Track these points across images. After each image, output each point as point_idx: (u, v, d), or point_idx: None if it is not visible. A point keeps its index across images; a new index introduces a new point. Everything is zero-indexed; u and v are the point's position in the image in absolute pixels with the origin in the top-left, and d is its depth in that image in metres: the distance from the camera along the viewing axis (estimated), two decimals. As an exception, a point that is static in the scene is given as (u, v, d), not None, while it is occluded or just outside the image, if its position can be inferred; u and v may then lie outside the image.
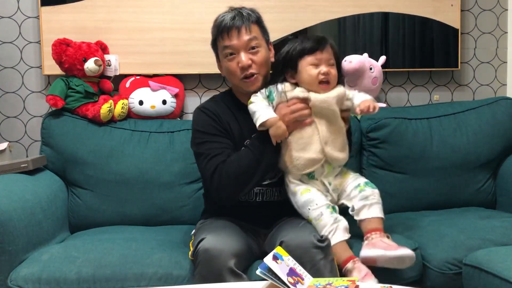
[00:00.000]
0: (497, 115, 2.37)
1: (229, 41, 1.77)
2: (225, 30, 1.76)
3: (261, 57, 1.79)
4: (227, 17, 1.78)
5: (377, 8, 2.53)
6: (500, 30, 2.69)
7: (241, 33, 1.76)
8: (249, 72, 1.77)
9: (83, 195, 2.19)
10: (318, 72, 1.72)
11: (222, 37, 1.78)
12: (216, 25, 1.80)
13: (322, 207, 1.71)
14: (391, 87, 2.65)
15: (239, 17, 1.77)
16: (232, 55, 1.77)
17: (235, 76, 1.79)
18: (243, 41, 1.76)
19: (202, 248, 1.55)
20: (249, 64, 1.76)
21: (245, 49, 1.77)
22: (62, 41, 2.25)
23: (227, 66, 1.80)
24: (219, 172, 1.71)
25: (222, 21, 1.78)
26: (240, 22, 1.76)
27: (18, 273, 1.67)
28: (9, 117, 2.45)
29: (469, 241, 1.83)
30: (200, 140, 1.80)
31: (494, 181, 2.36)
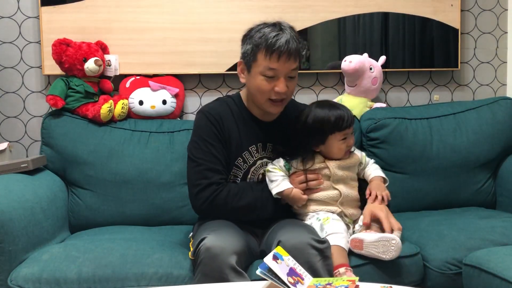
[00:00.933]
0: (497, 115, 2.37)
1: (275, 64, 1.71)
2: (276, 52, 1.69)
3: (294, 86, 1.79)
4: (281, 39, 1.70)
5: (377, 8, 2.54)
6: (500, 30, 2.69)
7: (290, 60, 1.72)
8: (281, 97, 1.76)
9: (83, 195, 2.19)
10: (346, 145, 1.84)
11: (270, 57, 1.70)
12: (268, 43, 1.70)
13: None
14: (391, 87, 2.66)
15: (293, 42, 1.72)
16: (272, 77, 1.73)
17: (264, 95, 1.76)
18: (288, 69, 1.73)
19: (204, 246, 1.55)
20: (285, 92, 1.75)
21: (285, 76, 1.74)
22: (62, 41, 2.25)
23: (261, 84, 1.74)
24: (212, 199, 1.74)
25: (277, 42, 1.69)
26: (293, 48, 1.71)
27: (19, 273, 1.67)
28: (9, 117, 2.45)
29: (469, 241, 1.83)
30: (198, 145, 1.79)
31: (494, 181, 2.36)
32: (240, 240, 1.64)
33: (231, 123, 1.82)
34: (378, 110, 2.37)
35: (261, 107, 1.81)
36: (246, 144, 1.82)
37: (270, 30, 1.73)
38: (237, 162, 1.83)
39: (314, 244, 1.59)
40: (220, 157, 1.78)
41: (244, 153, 1.82)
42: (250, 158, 1.84)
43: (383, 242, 1.68)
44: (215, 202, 1.73)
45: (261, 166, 1.86)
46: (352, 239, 1.73)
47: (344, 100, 2.42)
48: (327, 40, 2.54)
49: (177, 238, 1.97)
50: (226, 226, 1.70)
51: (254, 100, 1.81)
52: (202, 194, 1.74)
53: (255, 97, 1.80)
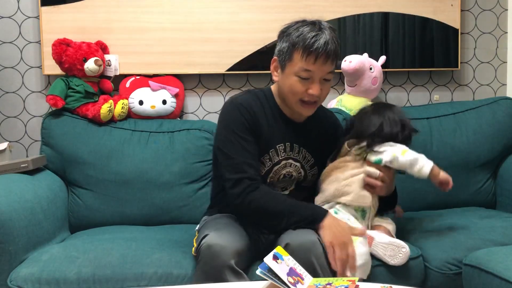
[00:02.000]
0: (497, 115, 2.36)
1: (312, 66, 1.66)
2: (314, 53, 1.64)
3: (327, 90, 1.74)
4: (320, 40, 1.64)
5: (377, 8, 2.53)
6: (500, 30, 2.69)
7: (327, 63, 1.67)
8: (314, 100, 1.71)
9: (83, 195, 2.19)
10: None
11: (307, 58, 1.65)
12: (305, 43, 1.65)
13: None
14: (391, 87, 2.65)
15: (332, 44, 1.66)
16: (306, 79, 1.68)
17: (296, 96, 1.70)
18: (324, 72, 1.68)
19: (205, 244, 1.55)
20: (319, 95, 1.70)
21: (320, 79, 1.69)
22: (62, 41, 2.25)
23: (294, 85, 1.69)
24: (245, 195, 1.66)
25: (315, 42, 1.64)
26: (331, 51, 1.66)
27: (18, 273, 1.67)
28: (9, 117, 2.45)
29: (469, 241, 1.83)
30: (228, 139, 1.71)
31: (494, 181, 2.36)
32: (242, 240, 1.63)
33: (261, 117, 1.75)
34: (378, 110, 2.37)
35: (292, 108, 1.75)
36: (274, 142, 1.76)
37: (309, 29, 1.67)
38: (263, 158, 1.76)
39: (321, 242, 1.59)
40: (252, 151, 1.70)
41: (271, 150, 1.76)
42: (276, 157, 1.77)
43: (392, 247, 1.68)
44: (249, 198, 1.65)
45: (285, 166, 1.80)
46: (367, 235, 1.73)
47: (344, 100, 2.42)
48: (327, 40, 2.53)
49: (177, 238, 1.97)
50: (229, 224, 1.70)
51: (286, 99, 1.75)
52: (234, 190, 1.67)
53: (286, 97, 1.74)
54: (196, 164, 2.20)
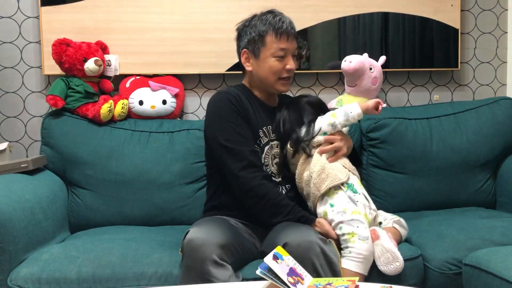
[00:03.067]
0: (497, 115, 2.36)
1: (285, 44, 1.87)
2: (285, 32, 1.87)
3: (297, 65, 1.98)
4: (285, 20, 1.88)
5: (377, 8, 2.54)
6: (500, 30, 2.69)
7: (294, 39, 1.91)
8: (290, 75, 1.91)
9: (83, 195, 2.19)
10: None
11: (280, 38, 1.86)
12: (273, 24, 1.87)
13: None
14: (391, 87, 2.66)
15: (293, 24, 1.91)
16: (282, 57, 1.87)
17: (276, 75, 1.88)
18: (294, 47, 1.92)
19: (186, 239, 1.59)
20: (295, 68, 1.91)
21: (293, 55, 1.91)
22: (62, 41, 2.25)
23: (274, 65, 1.87)
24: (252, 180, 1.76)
25: (283, 24, 1.87)
26: (294, 29, 1.92)
27: (18, 273, 1.67)
28: (9, 117, 2.46)
29: (469, 241, 1.83)
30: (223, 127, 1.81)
31: (494, 181, 2.36)
32: (225, 234, 1.64)
33: (246, 103, 1.89)
34: (378, 110, 2.37)
35: (272, 89, 1.92)
36: (260, 124, 1.90)
37: (271, 16, 1.89)
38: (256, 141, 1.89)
39: (320, 244, 1.60)
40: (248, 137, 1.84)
41: (259, 131, 1.89)
42: (264, 138, 1.90)
43: (388, 255, 1.69)
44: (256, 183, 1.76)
45: (272, 148, 1.91)
46: (373, 229, 1.75)
47: (344, 100, 2.42)
48: (327, 40, 2.54)
49: (177, 238, 1.96)
50: (213, 221, 1.73)
51: (264, 82, 1.91)
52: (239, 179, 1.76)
53: (266, 80, 1.90)
54: (196, 164, 2.20)
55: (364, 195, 1.83)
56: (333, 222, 1.74)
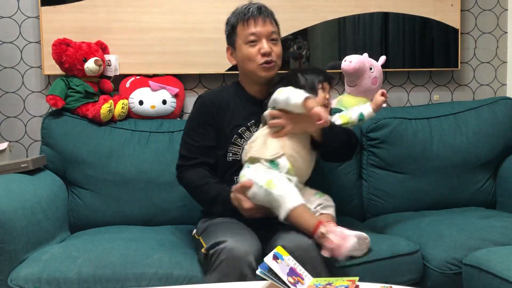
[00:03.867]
0: (497, 115, 2.37)
1: (254, 28, 1.85)
2: (252, 17, 1.86)
3: (279, 49, 1.90)
4: (253, 7, 1.88)
5: (377, 8, 2.54)
6: (500, 30, 2.69)
7: (266, 23, 1.87)
8: (269, 58, 1.86)
9: (83, 195, 2.19)
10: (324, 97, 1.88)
11: (247, 24, 1.86)
12: (240, 13, 1.88)
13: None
14: (391, 87, 2.66)
15: (264, 9, 1.89)
16: (254, 42, 1.86)
17: (254, 61, 1.87)
18: (267, 30, 1.87)
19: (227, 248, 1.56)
20: (270, 51, 1.86)
21: (267, 38, 1.87)
22: (62, 41, 2.25)
23: (248, 52, 1.86)
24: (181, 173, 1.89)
25: (248, 10, 1.87)
26: (265, 13, 1.88)
27: (19, 273, 1.67)
28: (9, 117, 2.45)
29: (469, 241, 1.83)
30: (189, 126, 1.93)
31: (494, 181, 2.36)
32: (258, 243, 1.65)
33: (227, 103, 1.91)
34: (378, 110, 2.37)
35: (255, 77, 1.89)
36: (243, 121, 1.89)
37: (241, 6, 1.91)
38: (234, 140, 1.88)
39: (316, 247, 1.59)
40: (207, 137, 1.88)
41: (240, 129, 1.88)
42: (248, 133, 1.89)
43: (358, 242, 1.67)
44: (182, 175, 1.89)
45: None
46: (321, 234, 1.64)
47: (344, 100, 2.42)
48: (327, 40, 2.54)
49: (177, 238, 1.97)
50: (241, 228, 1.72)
51: (247, 72, 1.91)
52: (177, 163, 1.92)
53: (247, 69, 1.90)
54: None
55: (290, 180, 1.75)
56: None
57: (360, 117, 1.89)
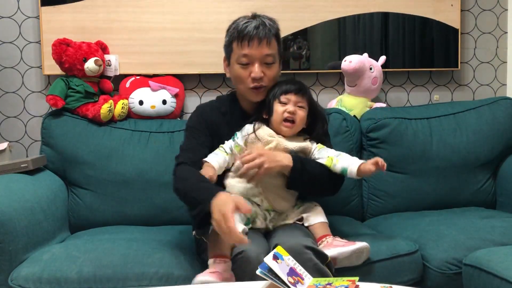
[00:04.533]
0: (497, 115, 2.37)
1: (247, 50, 1.76)
2: (246, 38, 1.75)
3: (273, 72, 1.80)
4: (250, 25, 1.76)
5: (377, 8, 2.54)
6: (500, 30, 2.69)
7: (262, 45, 1.75)
8: (259, 84, 1.78)
9: (83, 195, 2.19)
10: (284, 110, 1.75)
11: (241, 43, 1.76)
12: (238, 30, 1.77)
13: None
14: (391, 87, 2.66)
15: (263, 27, 1.76)
16: (247, 64, 1.77)
17: (244, 83, 1.79)
18: (261, 53, 1.76)
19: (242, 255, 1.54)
20: (261, 77, 1.77)
21: (260, 62, 1.77)
22: (62, 41, 2.25)
23: (239, 73, 1.79)
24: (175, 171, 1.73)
25: (246, 28, 1.75)
26: (263, 33, 1.75)
27: (19, 272, 1.67)
28: (9, 117, 2.45)
29: (469, 241, 1.83)
30: (185, 135, 1.85)
31: (494, 181, 2.36)
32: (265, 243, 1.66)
33: (219, 117, 1.85)
34: (378, 110, 2.37)
35: (246, 97, 1.84)
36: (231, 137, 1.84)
37: (242, 19, 1.79)
38: None
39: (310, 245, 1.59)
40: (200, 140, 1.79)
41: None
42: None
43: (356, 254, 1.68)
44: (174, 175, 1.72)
45: None
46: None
47: (344, 100, 2.42)
48: (327, 40, 2.54)
49: (178, 238, 1.97)
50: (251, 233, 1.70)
51: (239, 90, 1.86)
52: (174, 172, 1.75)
53: (238, 88, 1.85)
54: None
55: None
56: None
57: (342, 172, 1.74)
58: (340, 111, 2.32)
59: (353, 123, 2.29)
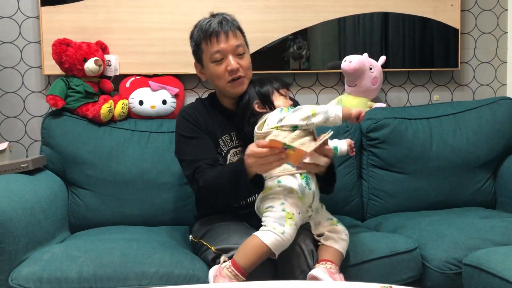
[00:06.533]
0: (497, 115, 2.37)
1: (217, 46, 1.78)
2: (214, 34, 1.78)
3: (247, 61, 1.83)
4: (213, 22, 1.79)
5: (377, 8, 2.54)
6: (500, 30, 2.69)
7: (229, 37, 1.79)
8: (237, 75, 1.80)
9: (83, 195, 2.19)
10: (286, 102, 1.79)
11: (210, 41, 1.79)
12: (203, 30, 1.80)
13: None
14: (391, 87, 2.66)
15: (226, 22, 1.80)
16: (221, 60, 1.79)
17: (222, 79, 1.81)
18: (232, 45, 1.79)
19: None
20: (237, 68, 1.79)
21: (233, 53, 1.79)
22: (62, 41, 2.25)
23: (214, 70, 1.81)
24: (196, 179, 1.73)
25: (210, 26, 1.79)
26: (227, 27, 1.79)
27: (20, 272, 1.66)
28: (9, 117, 2.45)
29: (469, 241, 1.83)
30: (182, 144, 1.83)
31: (494, 181, 2.36)
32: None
33: (205, 116, 1.86)
34: (378, 110, 2.37)
35: (226, 93, 1.84)
36: (219, 134, 1.85)
37: (203, 20, 1.83)
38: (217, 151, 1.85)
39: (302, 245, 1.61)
40: (201, 146, 1.80)
41: (219, 140, 1.85)
42: (224, 147, 1.85)
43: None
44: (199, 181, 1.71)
45: (235, 154, 1.86)
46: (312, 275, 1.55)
47: (344, 100, 2.42)
48: (327, 40, 2.54)
49: (178, 238, 1.98)
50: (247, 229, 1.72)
51: (218, 88, 1.87)
52: (193, 186, 1.77)
53: (217, 86, 1.85)
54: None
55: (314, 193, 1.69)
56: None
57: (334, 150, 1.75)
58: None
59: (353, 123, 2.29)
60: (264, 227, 1.58)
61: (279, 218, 1.58)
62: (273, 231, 1.55)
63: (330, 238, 1.68)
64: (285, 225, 1.56)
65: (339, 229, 1.71)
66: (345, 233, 1.71)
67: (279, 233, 1.55)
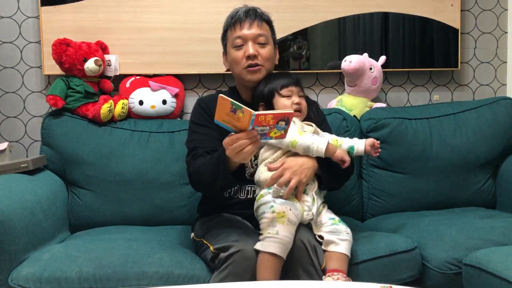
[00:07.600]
0: (497, 115, 2.37)
1: (240, 32, 1.84)
2: (238, 21, 1.85)
3: (267, 52, 1.86)
4: (241, 10, 1.87)
5: (377, 8, 2.54)
6: (500, 30, 2.69)
7: (253, 26, 1.85)
8: (254, 61, 1.84)
9: (83, 195, 2.19)
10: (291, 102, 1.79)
11: (234, 27, 1.86)
12: (230, 16, 1.88)
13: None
14: (391, 87, 2.66)
15: (253, 12, 1.87)
16: (241, 46, 1.85)
17: (240, 65, 1.86)
18: (253, 33, 1.84)
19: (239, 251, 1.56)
20: (255, 54, 1.83)
21: (253, 41, 1.84)
22: (62, 41, 2.25)
23: (234, 55, 1.86)
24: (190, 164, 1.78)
25: (237, 13, 1.86)
26: (253, 16, 1.86)
27: (19, 272, 1.67)
28: (9, 117, 2.46)
29: (469, 241, 1.83)
30: (191, 131, 1.87)
31: (494, 181, 2.36)
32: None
33: None
34: (378, 110, 2.37)
35: (243, 80, 1.88)
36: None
37: (235, 9, 1.89)
38: None
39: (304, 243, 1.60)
40: (207, 136, 1.82)
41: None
42: None
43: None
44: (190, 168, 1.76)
45: None
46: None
47: (344, 100, 2.42)
48: (327, 40, 2.54)
49: (178, 238, 1.98)
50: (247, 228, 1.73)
51: (236, 75, 1.91)
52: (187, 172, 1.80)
53: (235, 73, 1.90)
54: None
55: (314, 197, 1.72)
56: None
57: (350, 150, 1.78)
58: (340, 111, 2.32)
59: (353, 123, 2.29)
60: (260, 236, 1.61)
61: (272, 221, 1.60)
62: (268, 236, 1.57)
63: (331, 242, 1.68)
64: (277, 225, 1.58)
65: (340, 229, 1.71)
66: (346, 232, 1.70)
67: (273, 235, 1.56)
